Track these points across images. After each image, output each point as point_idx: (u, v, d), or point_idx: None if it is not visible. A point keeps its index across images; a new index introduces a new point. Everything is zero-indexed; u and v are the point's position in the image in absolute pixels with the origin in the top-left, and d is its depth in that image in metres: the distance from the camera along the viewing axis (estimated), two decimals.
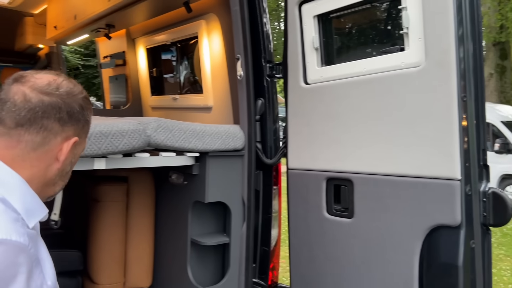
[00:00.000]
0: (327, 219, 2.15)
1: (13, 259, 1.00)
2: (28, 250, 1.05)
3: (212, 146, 2.36)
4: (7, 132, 1.13)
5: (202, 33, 3.04)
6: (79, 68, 16.66)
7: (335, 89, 2.10)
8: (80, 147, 1.30)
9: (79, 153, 1.31)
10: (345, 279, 2.05)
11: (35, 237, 1.17)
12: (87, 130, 1.31)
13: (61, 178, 1.26)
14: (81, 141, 1.29)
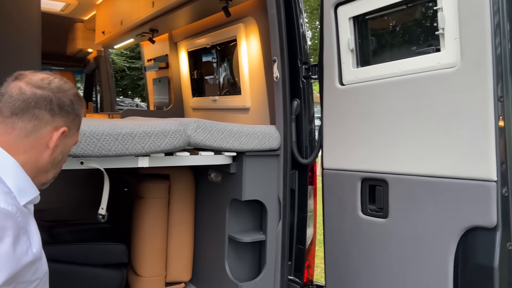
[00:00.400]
0: (361, 218, 2.17)
1: (0, 223, 1.11)
2: (15, 217, 1.15)
3: (249, 146, 2.44)
4: (3, 121, 1.26)
5: (241, 36, 3.13)
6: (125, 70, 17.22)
7: (370, 89, 2.12)
8: (72, 140, 1.41)
9: (70, 145, 1.42)
10: (380, 279, 2.06)
11: (26, 213, 1.26)
12: (78, 123, 1.42)
13: (53, 167, 1.37)
14: (72, 133, 1.40)
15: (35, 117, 1.28)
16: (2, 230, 1.11)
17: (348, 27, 2.22)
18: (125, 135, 2.00)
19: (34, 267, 1.25)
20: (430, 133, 1.85)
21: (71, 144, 1.42)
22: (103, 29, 4.74)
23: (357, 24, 2.20)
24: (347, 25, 2.22)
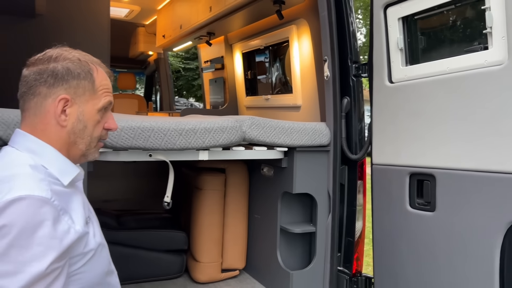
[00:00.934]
0: (409, 212, 2.24)
1: (37, 209, 1.13)
2: (51, 202, 1.17)
3: (300, 142, 2.57)
4: (22, 113, 1.33)
5: (293, 37, 3.27)
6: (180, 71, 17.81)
7: (418, 87, 2.18)
8: (87, 105, 1.33)
9: (89, 110, 1.34)
10: (427, 271, 2.13)
11: (67, 193, 1.29)
12: (87, 87, 1.33)
13: (79, 136, 1.33)
14: (84, 99, 1.33)
15: (34, 94, 1.28)
16: (41, 215, 1.13)
17: (397, 27, 2.30)
18: (188, 130, 2.21)
19: (83, 242, 1.29)
20: (477, 129, 1.90)
21: (90, 109, 1.34)
22: (164, 33, 5.05)
23: (406, 24, 2.27)
24: (396, 25, 2.30)
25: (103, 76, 1.38)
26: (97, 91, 1.35)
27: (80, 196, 1.38)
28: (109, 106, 1.40)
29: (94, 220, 1.44)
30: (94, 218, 1.45)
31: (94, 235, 1.36)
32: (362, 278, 2.66)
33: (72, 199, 1.31)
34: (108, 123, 1.40)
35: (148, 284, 2.94)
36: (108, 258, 1.47)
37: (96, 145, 1.40)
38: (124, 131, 2.08)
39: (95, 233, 1.38)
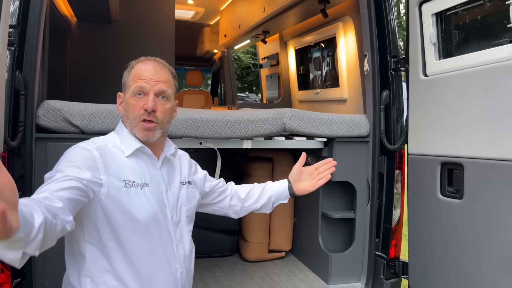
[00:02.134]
0: (440, 200, 2.35)
1: (76, 149, 1.56)
2: (90, 151, 1.54)
3: (338, 133, 2.75)
4: None
5: (339, 33, 3.43)
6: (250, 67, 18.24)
7: (449, 80, 2.28)
8: (126, 95, 1.67)
9: (126, 98, 1.67)
10: (454, 255, 2.23)
11: (121, 157, 1.60)
12: (126, 82, 1.69)
13: (126, 120, 1.67)
14: (125, 92, 1.68)
15: None
16: (75, 153, 1.54)
17: (431, 22, 2.40)
18: (233, 122, 2.50)
19: (96, 185, 1.50)
20: (503, 119, 1.97)
21: (127, 97, 1.65)
22: (225, 33, 5.40)
23: (439, 20, 2.37)
24: (430, 21, 2.40)
25: (138, 67, 1.66)
26: (131, 81, 1.65)
27: (143, 167, 1.63)
28: (141, 90, 1.61)
29: (147, 188, 1.62)
30: (154, 185, 1.65)
31: (137, 191, 1.59)
32: (399, 263, 2.78)
33: (123, 163, 1.59)
34: (145, 104, 1.60)
35: (203, 260, 3.29)
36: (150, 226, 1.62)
37: (138, 125, 1.62)
38: (177, 121, 2.41)
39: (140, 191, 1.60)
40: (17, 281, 2.17)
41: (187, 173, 1.86)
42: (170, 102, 1.69)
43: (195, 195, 1.86)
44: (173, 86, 1.71)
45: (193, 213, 1.85)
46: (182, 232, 1.73)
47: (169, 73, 1.70)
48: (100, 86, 4.11)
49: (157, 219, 1.64)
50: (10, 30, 2.02)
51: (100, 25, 4.18)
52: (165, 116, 1.67)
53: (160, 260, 1.64)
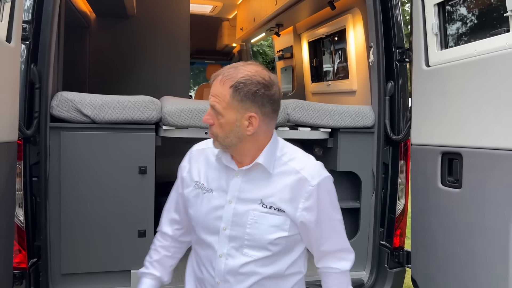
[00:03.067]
0: (440, 189, 2.36)
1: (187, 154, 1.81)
2: (190, 152, 1.80)
3: (343, 123, 2.80)
4: None
5: (349, 25, 3.45)
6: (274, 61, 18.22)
7: (449, 70, 2.29)
8: None
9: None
10: (452, 243, 2.25)
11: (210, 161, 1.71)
12: None
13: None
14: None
15: None
16: (186, 155, 1.82)
17: (433, 13, 2.40)
18: None
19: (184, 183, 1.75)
20: (499, 108, 1.98)
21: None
22: (241, 26, 5.48)
23: (441, 10, 2.37)
24: (432, 11, 2.40)
25: (213, 83, 1.59)
26: None
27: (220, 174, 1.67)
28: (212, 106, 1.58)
29: (213, 194, 1.66)
30: (219, 192, 1.65)
31: (200, 194, 1.70)
32: (403, 253, 2.81)
33: (207, 166, 1.72)
34: None
35: None
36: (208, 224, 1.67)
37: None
38: (183, 112, 2.51)
39: (203, 195, 1.69)
40: (33, 261, 2.33)
41: (283, 197, 1.61)
42: (223, 117, 1.55)
43: (276, 224, 1.60)
44: (229, 100, 1.52)
45: (260, 240, 1.61)
46: (234, 248, 1.63)
47: (223, 87, 1.53)
48: (117, 79, 4.27)
49: (206, 224, 1.67)
50: (25, 25, 2.16)
51: (118, 20, 4.33)
52: (220, 131, 1.57)
53: (204, 260, 1.71)
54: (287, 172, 1.62)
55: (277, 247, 1.62)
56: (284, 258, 1.67)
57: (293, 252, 1.69)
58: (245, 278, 1.63)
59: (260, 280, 1.64)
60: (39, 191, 2.31)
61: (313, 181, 1.60)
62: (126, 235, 2.50)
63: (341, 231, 1.74)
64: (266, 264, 1.63)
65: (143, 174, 2.50)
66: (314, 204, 1.61)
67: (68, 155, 2.38)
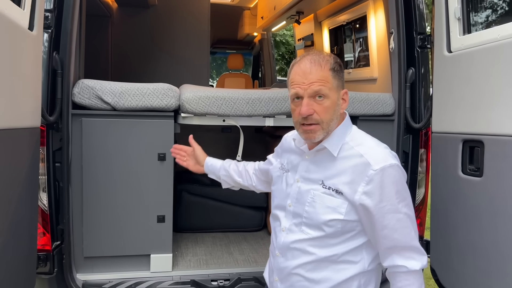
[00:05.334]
0: (461, 178, 2.32)
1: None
2: (282, 140, 1.99)
3: (362, 111, 2.76)
4: None
5: (370, 11, 3.39)
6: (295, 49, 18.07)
7: (472, 56, 2.22)
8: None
9: (291, 102, 1.73)
10: (473, 232, 2.21)
11: (292, 148, 1.86)
12: (288, 85, 1.73)
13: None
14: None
15: None
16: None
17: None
18: (254, 100, 2.58)
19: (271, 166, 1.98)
20: None
21: (290, 104, 1.73)
22: (262, 15, 5.44)
23: None
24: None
25: (295, 71, 1.66)
26: (290, 85, 1.70)
27: (295, 156, 1.84)
28: (297, 95, 1.65)
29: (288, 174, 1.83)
30: (292, 172, 1.82)
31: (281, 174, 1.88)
32: (423, 242, 2.77)
33: (289, 152, 1.88)
34: (300, 110, 1.63)
35: (232, 233, 3.44)
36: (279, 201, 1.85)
37: (299, 128, 1.69)
38: (201, 99, 2.53)
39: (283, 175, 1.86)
40: (57, 244, 2.41)
41: (343, 180, 1.64)
42: (329, 99, 1.63)
43: (332, 205, 1.65)
44: (331, 81, 1.64)
45: (315, 218, 1.67)
46: (295, 225, 1.73)
47: (323, 70, 1.63)
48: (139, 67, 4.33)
49: (280, 200, 1.83)
50: (47, 14, 2.21)
51: (139, 9, 4.38)
52: (326, 115, 1.64)
53: (273, 233, 1.88)
54: (351, 156, 1.66)
55: (332, 229, 1.64)
56: (340, 244, 1.67)
57: (351, 241, 1.68)
58: (300, 255, 1.70)
59: (314, 261, 1.68)
60: (62, 176, 2.38)
61: (375, 165, 1.60)
62: (145, 220, 2.56)
63: (409, 226, 1.64)
64: (320, 245, 1.67)
65: (162, 160, 2.54)
66: (376, 190, 1.59)
67: (89, 142, 2.44)
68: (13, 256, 1.85)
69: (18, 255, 1.90)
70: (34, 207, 2.11)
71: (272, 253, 1.86)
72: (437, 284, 2.51)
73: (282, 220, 1.77)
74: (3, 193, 1.71)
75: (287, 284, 1.74)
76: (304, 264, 1.69)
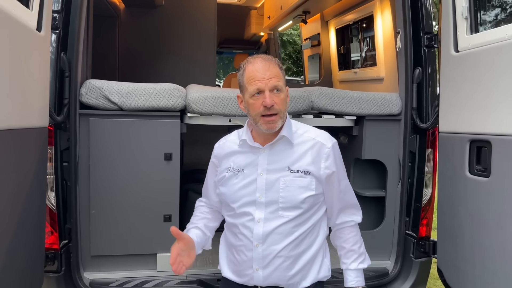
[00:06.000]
0: (468, 178, 2.30)
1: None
2: (213, 151, 2.07)
3: (368, 111, 2.76)
4: None
5: (376, 11, 3.38)
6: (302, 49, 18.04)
7: (479, 55, 2.21)
8: (245, 96, 1.87)
9: (245, 99, 1.87)
10: (480, 233, 2.20)
11: (232, 149, 1.98)
12: (242, 84, 1.88)
13: (250, 116, 1.88)
14: (243, 93, 1.88)
15: None
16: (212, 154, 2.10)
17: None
18: None
19: (217, 171, 2.04)
20: None
21: (246, 98, 1.86)
22: (268, 14, 5.45)
23: None
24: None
25: (252, 70, 1.83)
26: (247, 83, 1.84)
27: (245, 155, 1.95)
28: (258, 90, 1.81)
29: (244, 172, 1.92)
30: (249, 169, 1.92)
31: (233, 175, 1.95)
32: (429, 243, 2.76)
33: (231, 155, 1.98)
34: (264, 101, 1.80)
35: None
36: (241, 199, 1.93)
37: (260, 120, 1.83)
38: (207, 99, 2.54)
39: (235, 175, 1.94)
40: (65, 243, 2.43)
41: (307, 161, 1.89)
42: (283, 92, 1.86)
43: (304, 185, 1.88)
44: (283, 77, 1.88)
45: (293, 200, 1.87)
46: (270, 212, 1.88)
47: (277, 67, 1.86)
48: (146, 67, 4.35)
49: (243, 197, 1.91)
50: (55, 15, 2.23)
51: (146, 10, 4.40)
52: (282, 106, 1.85)
53: (241, 229, 1.94)
54: (305, 141, 1.93)
55: (306, 205, 1.89)
56: (311, 217, 1.93)
57: (317, 212, 1.96)
58: (282, 238, 1.88)
59: (295, 240, 1.89)
60: (69, 175, 2.40)
61: (327, 144, 1.93)
62: (152, 220, 2.57)
63: (351, 188, 2.07)
64: (299, 224, 1.89)
65: (169, 160, 2.55)
66: (333, 162, 1.93)
67: (96, 141, 2.46)
68: (22, 255, 1.87)
69: (26, 253, 1.92)
70: (42, 206, 2.13)
71: (245, 248, 1.91)
72: (444, 285, 2.49)
73: (255, 213, 1.89)
74: (12, 192, 1.73)
75: (270, 269, 1.90)
76: (287, 245, 1.88)
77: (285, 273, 1.91)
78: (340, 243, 2.07)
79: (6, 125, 1.62)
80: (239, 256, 1.95)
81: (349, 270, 2.03)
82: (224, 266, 2.07)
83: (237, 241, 1.95)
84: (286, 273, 1.91)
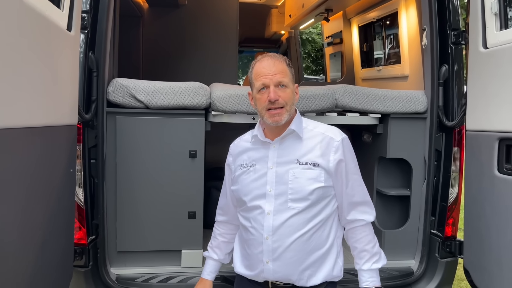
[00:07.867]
0: (497, 177, 2.26)
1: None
2: (229, 150, 2.16)
3: (393, 109, 2.73)
4: None
5: (401, 8, 3.34)
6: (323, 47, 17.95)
7: (508, 52, 2.16)
8: (253, 91, 1.99)
9: (253, 94, 1.99)
10: (508, 234, 2.15)
11: (245, 146, 2.09)
12: (251, 81, 1.99)
13: (258, 111, 2.00)
14: (252, 89, 2.00)
15: None
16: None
17: None
18: None
19: (232, 168, 2.13)
20: None
21: (254, 93, 1.98)
22: (290, 13, 5.43)
23: None
24: None
25: (259, 67, 1.95)
26: (254, 79, 1.97)
27: (257, 151, 2.04)
28: (264, 85, 1.92)
29: (255, 167, 2.01)
30: (260, 164, 2.01)
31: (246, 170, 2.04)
32: (455, 243, 2.72)
33: (244, 152, 2.07)
34: (269, 95, 1.90)
35: None
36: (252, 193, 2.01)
37: (265, 114, 1.93)
38: (231, 98, 2.56)
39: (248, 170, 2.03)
40: (92, 238, 2.48)
41: (316, 154, 1.96)
42: (289, 88, 1.94)
43: (313, 177, 1.94)
44: (289, 73, 1.96)
45: (302, 191, 1.93)
46: (280, 204, 1.95)
47: (284, 64, 1.96)
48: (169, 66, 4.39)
49: (254, 190, 1.99)
50: (84, 15, 2.28)
51: (169, 9, 4.45)
52: (288, 99, 1.93)
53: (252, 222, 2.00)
54: (315, 136, 1.99)
55: (315, 196, 1.93)
56: (322, 211, 1.97)
57: (328, 206, 1.99)
58: (291, 232, 1.92)
59: (305, 234, 1.93)
60: (97, 172, 2.45)
61: (337, 138, 1.98)
62: (177, 216, 2.60)
63: (363, 184, 2.08)
64: (309, 217, 1.93)
65: (193, 158, 2.58)
66: (342, 156, 1.97)
67: (123, 139, 2.51)
68: (53, 249, 1.92)
69: (57, 248, 1.97)
70: (72, 202, 2.18)
71: (255, 241, 1.97)
72: (471, 285, 2.45)
73: (265, 206, 1.95)
74: (43, 188, 1.77)
75: (280, 262, 1.93)
76: (297, 239, 1.92)
77: (295, 267, 1.94)
78: (352, 243, 2.08)
79: (40, 123, 1.67)
80: (250, 250, 2.00)
81: (363, 271, 2.04)
82: (238, 262, 2.12)
83: (248, 235, 2.01)
84: (296, 267, 1.94)
